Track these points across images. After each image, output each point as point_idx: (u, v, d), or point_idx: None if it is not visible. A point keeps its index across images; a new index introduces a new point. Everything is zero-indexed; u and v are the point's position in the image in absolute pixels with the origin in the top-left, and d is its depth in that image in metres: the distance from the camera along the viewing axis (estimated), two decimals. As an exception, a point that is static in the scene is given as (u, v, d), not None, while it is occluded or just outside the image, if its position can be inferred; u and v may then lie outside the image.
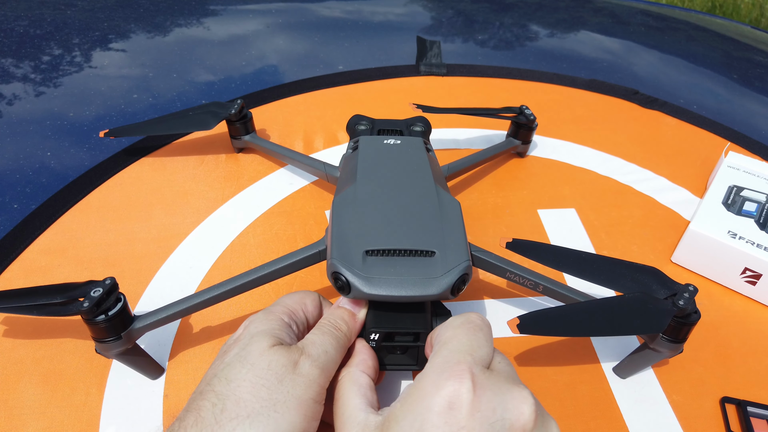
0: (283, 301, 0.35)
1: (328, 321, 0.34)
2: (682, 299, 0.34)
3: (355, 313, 0.35)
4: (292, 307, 0.34)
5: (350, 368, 0.32)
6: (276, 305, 0.34)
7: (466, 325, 0.30)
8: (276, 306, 0.34)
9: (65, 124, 0.62)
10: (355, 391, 0.30)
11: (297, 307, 0.34)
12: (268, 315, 0.33)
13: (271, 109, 0.67)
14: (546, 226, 0.53)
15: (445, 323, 0.32)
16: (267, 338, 0.30)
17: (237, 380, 0.28)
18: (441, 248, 0.36)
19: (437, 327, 0.33)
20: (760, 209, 0.51)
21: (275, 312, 0.33)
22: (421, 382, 0.28)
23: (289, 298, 0.35)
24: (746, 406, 0.39)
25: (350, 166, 0.45)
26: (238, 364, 0.29)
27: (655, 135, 0.68)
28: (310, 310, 0.35)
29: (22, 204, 0.51)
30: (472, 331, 0.30)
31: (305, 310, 0.35)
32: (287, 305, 0.34)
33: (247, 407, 0.27)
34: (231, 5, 0.93)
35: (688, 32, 1.02)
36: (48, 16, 0.85)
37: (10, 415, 0.36)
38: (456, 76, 0.76)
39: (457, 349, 0.29)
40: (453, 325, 0.31)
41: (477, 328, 0.30)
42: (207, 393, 0.28)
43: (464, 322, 0.31)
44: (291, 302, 0.35)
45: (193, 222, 0.51)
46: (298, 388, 0.28)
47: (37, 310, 0.35)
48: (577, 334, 0.38)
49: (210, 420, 0.27)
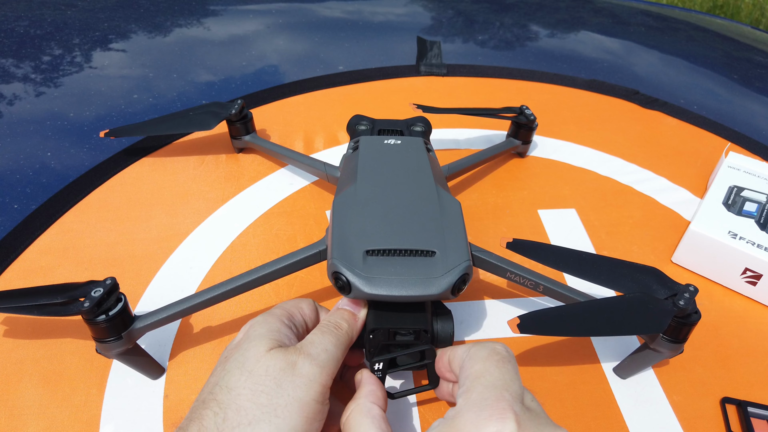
0: (281, 305, 0.35)
1: (328, 321, 0.34)
2: (683, 299, 0.34)
3: (355, 313, 0.35)
4: (290, 310, 0.34)
5: (359, 400, 0.31)
6: (275, 309, 0.34)
7: (494, 357, 0.30)
8: (275, 309, 0.34)
9: (65, 124, 0.62)
10: (368, 423, 0.29)
11: (295, 310, 0.35)
12: (267, 317, 0.33)
13: (272, 109, 0.67)
14: (546, 226, 0.53)
15: (469, 354, 0.31)
16: (265, 342, 0.30)
17: (237, 388, 0.28)
18: (441, 248, 0.36)
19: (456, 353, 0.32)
20: (760, 209, 0.51)
21: (274, 314, 0.33)
22: (458, 421, 0.27)
23: (286, 303, 0.35)
24: (746, 406, 0.39)
25: (351, 166, 0.45)
26: (237, 371, 0.29)
27: (655, 135, 0.68)
28: (307, 313, 0.35)
29: (22, 204, 0.51)
30: (502, 364, 0.29)
31: (303, 313, 0.35)
32: (286, 308, 0.34)
33: (248, 415, 0.27)
34: (231, 6, 0.93)
35: (688, 32, 1.02)
36: (48, 16, 0.85)
37: (11, 415, 0.36)
38: (456, 77, 0.76)
39: (492, 385, 0.28)
40: (480, 356, 0.30)
41: (505, 360, 0.30)
42: (209, 402, 0.28)
43: (491, 353, 0.30)
44: (289, 306, 0.35)
45: (193, 222, 0.51)
46: (299, 390, 0.28)
47: (38, 310, 0.35)
48: (577, 334, 0.38)
49: (212, 429, 0.27)
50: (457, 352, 0.32)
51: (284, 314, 0.34)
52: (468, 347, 0.32)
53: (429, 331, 0.35)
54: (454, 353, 0.32)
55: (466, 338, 0.42)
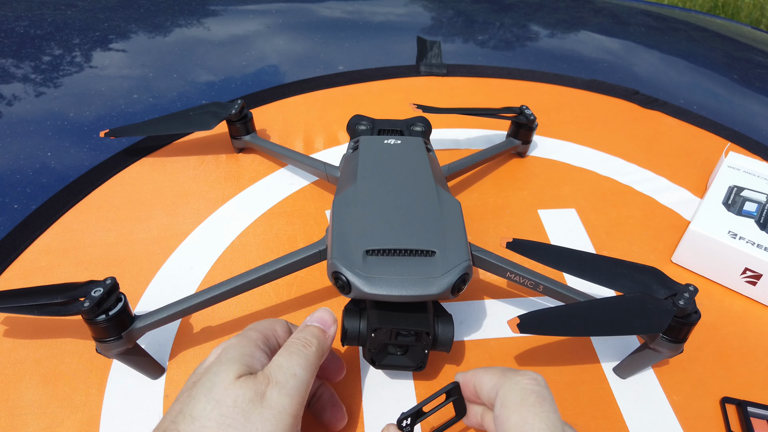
0: (255, 327, 0.33)
1: (296, 338, 0.32)
2: (683, 299, 0.34)
3: (325, 330, 0.34)
4: (265, 333, 0.33)
5: None
6: (249, 330, 0.33)
7: (529, 400, 0.27)
8: (249, 331, 0.33)
9: (65, 124, 0.62)
10: None
11: (269, 333, 0.33)
12: (241, 340, 0.31)
13: (272, 109, 0.67)
14: (546, 226, 0.53)
15: (502, 399, 0.28)
16: (235, 367, 0.29)
17: (202, 419, 0.26)
18: (441, 248, 0.36)
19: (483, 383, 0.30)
20: (760, 209, 0.51)
21: (249, 337, 0.32)
22: None
23: (259, 324, 0.34)
24: (746, 406, 0.39)
25: (351, 166, 0.45)
26: (203, 398, 0.27)
27: (655, 135, 0.68)
28: (281, 335, 0.34)
29: (22, 204, 0.51)
30: (539, 407, 0.27)
31: (276, 335, 0.33)
32: (260, 330, 0.33)
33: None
34: (231, 6, 0.93)
35: (688, 33, 1.02)
36: (48, 16, 0.85)
37: (11, 415, 0.36)
38: (456, 77, 0.76)
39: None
40: (514, 402, 0.27)
41: (541, 399, 0.27)
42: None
43: (524, 395, 0.27)
44: (263, 328, 0.33)
45: (193, 222, 0.51)
46: (268, 424, 0.27)
47: (38, 310, 0.35)
48: (577, 333, 0.38)
49: None
50: (484, 382, 0.30)
51: (259, 337, 0.32)
52: (496, 379, 0.29)
53: (431, 333, 0.35)
54: (481, 383, 0.30)
55: (466, 338, 0.42)
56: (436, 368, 0.40)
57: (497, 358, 0.41)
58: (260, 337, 0.32)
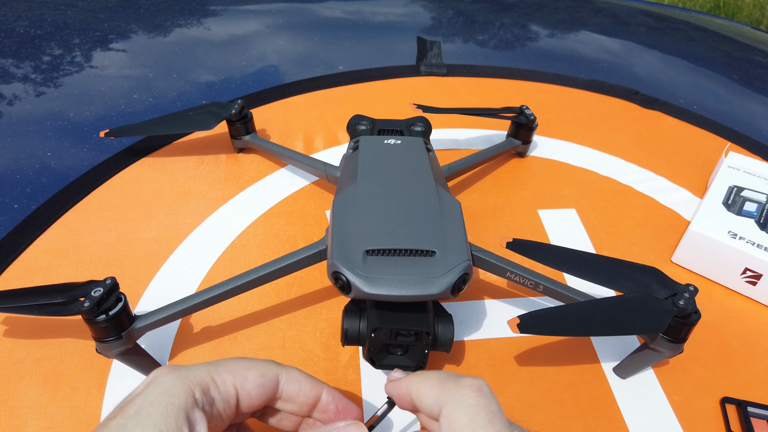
0: (214, 369, 0.28)
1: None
2: (683, 299, 0.34)
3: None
4: (220, 378, 0.27)
5: None
6: (199, 369, 0.27)
7: (479, 420, 0.25)
8: (197, 371, 0.27)
9: (66, 124, 0.62)
10: None
11: (229, 379, 0.28)
12: (174, 390, 0.25)
13: (272, 109, 0.67)
14: (546, 226, 0.53)
15: (445, 417, 0.26)
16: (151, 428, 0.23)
17: None
18: (441, 248, 0.36)
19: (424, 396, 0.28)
20: (760, 209, 0.51)
21: (188, 381, 0.26)
22: None
23: (229, 364, 0.28)
24: (746, 406, 0.39)
25: (351, 166, 0.45)
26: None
27: (655, 135, 0.68)
28: (249, 388, 0.28)
29: (22, 204, 0.51)
30: (491, 426, 0.25)
31: (240, 385, 0.28)
32: (210, 374, 0.27)
33: None
34: (231, 6, 0.93)
35: (688, 33, 1.02)
36: (48, 16, 0.85)
37: (11, 415, 0.36)
38: (456, 77, 0.76)
39: None
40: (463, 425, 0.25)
41: (492, 415, 0.25)
42: None
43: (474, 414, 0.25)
44: (225, 371, 0.28)
45: (193, 222, 0.51)
46: None
47: (38, 310, 0.35)
48: (577, 333, 0.38)
49: None
50: (423, 395, 0.28)
51: (201, 383, 0.26)
52: (437, 391, 0.27)
53: (431, 333, 0.35)
54: (420, 396, 0.28)
55: (466, 338, 0.42)
56: (436, 368, 0.40)
57: (497, 358, 0.41)
58: (203, 383, 0.26)
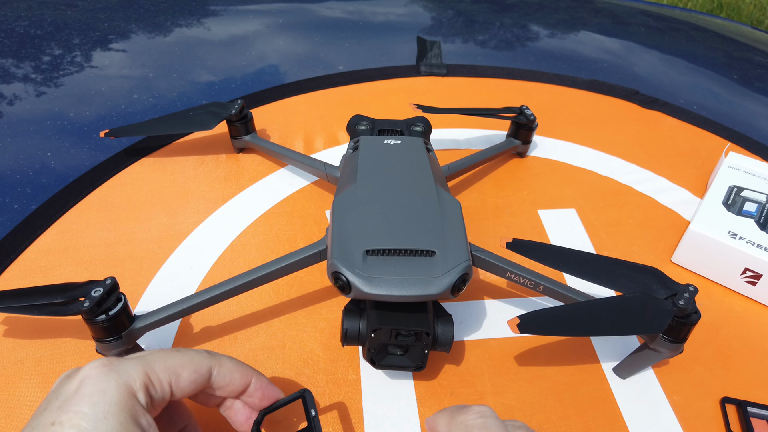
0: (149, 367, 0.27)
1: None
2: (683, 299, 0.34)
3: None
4: (156, 377, 0.27)
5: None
6: (135, 368, 0.26)
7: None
8: (133, 371, 0.26)
9: (66, 124, 0.62)
10: None
11: (164, 377, 0.27)
12: (119, 388, 0.25)
13: (272, 109, 0.67)
14: (546, 226, 0.53)
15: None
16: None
17: None
18: (441, 248, 0.36)
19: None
20: (760, 209, 0.51)
21: (128, 381, 0.25)
22: None
23: (163, 361, 0.28)
24: (746, 406, 0.39)
25: (351, 166, 0.45)
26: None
27: (655, 135, 0.68)
28: (182, 385, 0.28)
29: (22, 204, 0.51)
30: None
31: (174, 382, 0.27)
32: (147, 374, 0.26)
33: None
34: (231, 6, 0.93)
35: (688, 33, 1.02)
36: (48, 16, 0.85)
37: (11, 415, 0.36)
38: (456, 77, 0.76)
39: None
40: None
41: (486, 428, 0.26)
42: None
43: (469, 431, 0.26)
44: (161, 369, 0.27)
45: (193, 222, 0.51)
46: None
47: (38, 310, 0.35)
48: (577, 333, 0.38)
49: None
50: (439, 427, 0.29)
51: (143, 381, 0.26)
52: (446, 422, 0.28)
53: (431, 333, 0.35)
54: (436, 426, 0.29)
55: (466, 338, 0.42)
56: (436, 368, 0.40)
57: (497, 358, 0.41)
58: (143, 381, 0.26)
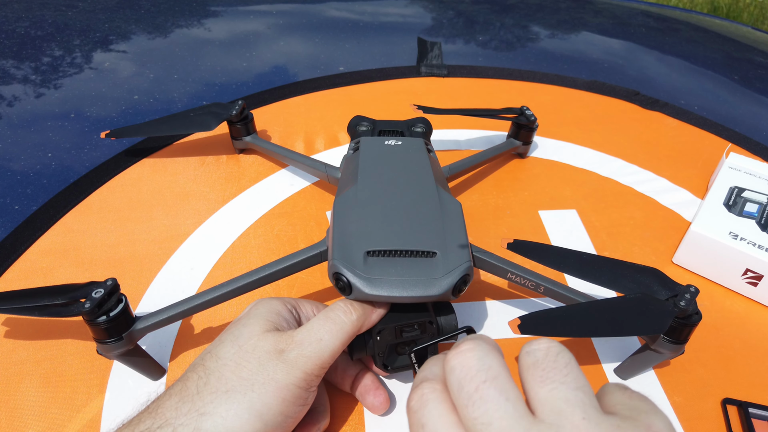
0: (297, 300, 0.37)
1: (337, 306, 0.34)
2: (684, 300, 0.34)
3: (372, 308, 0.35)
4: (299, 302, 0.36)
5: None
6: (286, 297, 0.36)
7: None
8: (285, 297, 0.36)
9: (66, 125, 0.62)
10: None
11: (304, 304, 0.36)
12: (273, 300, 0.35)
13: (272, 110, 0.67)
14: (547, 227, 0.53)
15: None
16: (262, 322, 0.32)
17: (224, 358, 0.30)
18: (442, 249, 0.36)
19: None
20: (761, 210, 0.51)
21: (282, 299, 0.35)
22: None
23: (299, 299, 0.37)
24: (748, 407, 0.39)
25: (351, 167, 0.45)
26: (229, 344, 0.31)
27: (656, 136, 0.68)
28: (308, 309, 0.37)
29: (23, 205, 0.51)
30: None
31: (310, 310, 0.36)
32: (294, 299, 0.36)
33: (227, 384, 0.29)
34: (232, 6, 0.93)
35: (688, 33, 1.02)
36: (49, 17, 0.85)
37: (12, 416, 0.36)
38: (457, 77, 0.76)
39: None
40: None
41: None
42: (197, 366, 0.31)
43: None
44: (299, 299, 0.37)
45: (194, 223, 0.51)
46: (279, 373, 0.30)
47: (39, 311, 0.35)
48: (578, 334, 0.38)
49: (192, 390, 0.29)
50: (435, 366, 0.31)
51: (291, 301, 0.35)
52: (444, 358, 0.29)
53: (434, 322, 0.35)
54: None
55: (467, 339, 0.42)
56: (437, 369, 0.40)
57: (498, 359, 0.41)
58: (292, 302, 0.36)
